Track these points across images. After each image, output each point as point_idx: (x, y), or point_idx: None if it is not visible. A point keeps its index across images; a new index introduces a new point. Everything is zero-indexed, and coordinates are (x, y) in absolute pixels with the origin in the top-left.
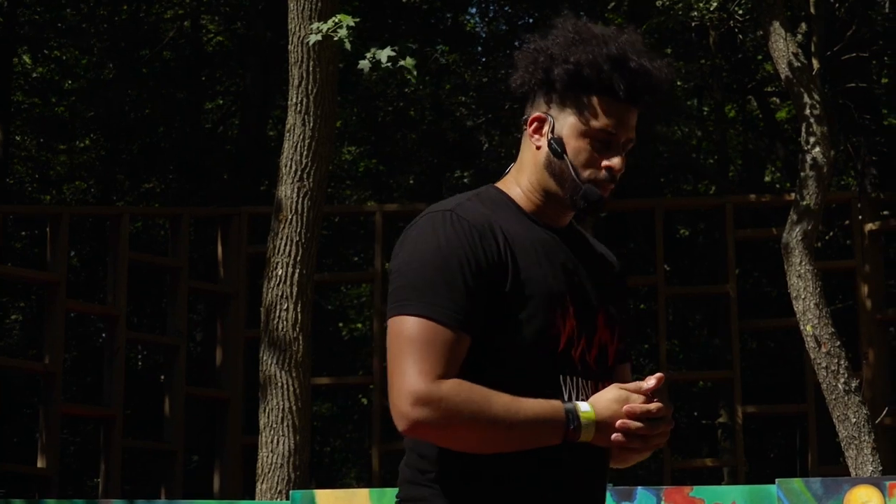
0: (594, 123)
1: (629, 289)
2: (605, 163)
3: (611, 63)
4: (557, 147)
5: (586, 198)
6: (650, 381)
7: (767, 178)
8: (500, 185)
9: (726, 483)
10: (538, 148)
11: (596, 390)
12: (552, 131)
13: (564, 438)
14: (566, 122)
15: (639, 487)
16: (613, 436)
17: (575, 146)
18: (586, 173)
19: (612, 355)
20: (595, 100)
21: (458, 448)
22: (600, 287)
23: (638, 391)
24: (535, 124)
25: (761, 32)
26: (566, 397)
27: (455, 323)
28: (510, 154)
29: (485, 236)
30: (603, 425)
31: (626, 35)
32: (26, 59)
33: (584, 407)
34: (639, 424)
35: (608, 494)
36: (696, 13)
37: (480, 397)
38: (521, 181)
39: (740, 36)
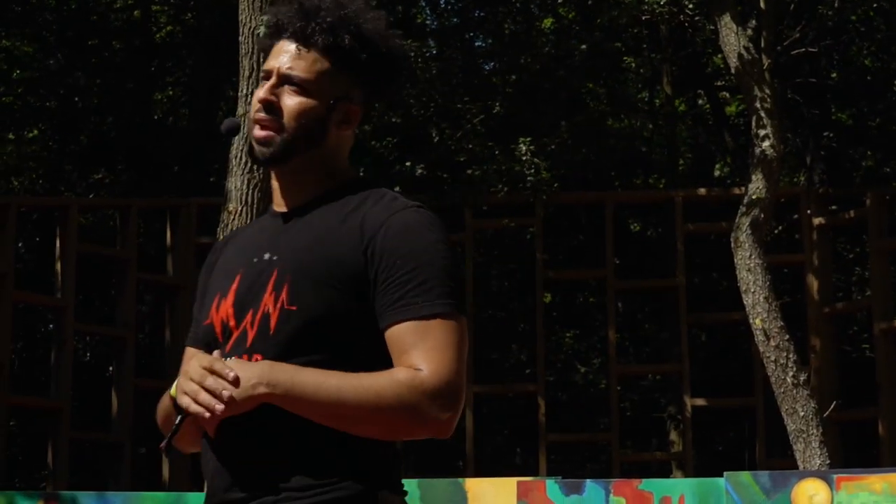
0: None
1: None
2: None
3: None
4: None
5: (226, 130)
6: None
7: (717, 173)
8: None
9: (675, 476)
10: None
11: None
12: None
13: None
14: None
15: (588, 480)
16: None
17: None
18: (251, 113)
19: (275, 319)
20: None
21: None
22: (296, 254)
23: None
24: None
25: (712, 27)
26: None
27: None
28: (461, 146)
29: (203, 268)
30: (179, 387)
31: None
32: None
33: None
34: (192, 388)
35: (557, 487)
36: (647, 7)
37: None
38: None
39: (690, 30)
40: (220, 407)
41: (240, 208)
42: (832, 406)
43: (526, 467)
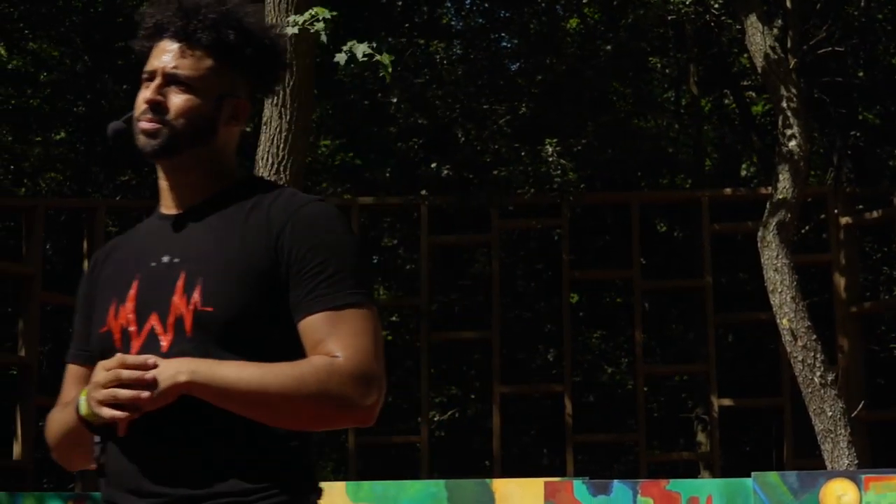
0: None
1: (597, 282)
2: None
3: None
4: None
5: (112, 134)
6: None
7: (743, 173)
8: None
9: (702, 476)
10: None
11: None
12: None
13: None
14: None
15: (615, 481)
16: (103, 410)
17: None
18: (136, 114)
19: (189, 322)
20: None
21: None
22: (203, 255)
23: (121, 364)
24: None
25: (738, 27)
26: None
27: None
28: (486, 147)
29: (83, 280)
30: (92, 399)
31: None
32: (1, 50)
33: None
34: (108, 392)
35: (584, 488)
36: (672, 7)
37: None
38: None
39: (716, 30)
40: (145, 394)
41: None
42: (860, 406)
43: (553, 468)
